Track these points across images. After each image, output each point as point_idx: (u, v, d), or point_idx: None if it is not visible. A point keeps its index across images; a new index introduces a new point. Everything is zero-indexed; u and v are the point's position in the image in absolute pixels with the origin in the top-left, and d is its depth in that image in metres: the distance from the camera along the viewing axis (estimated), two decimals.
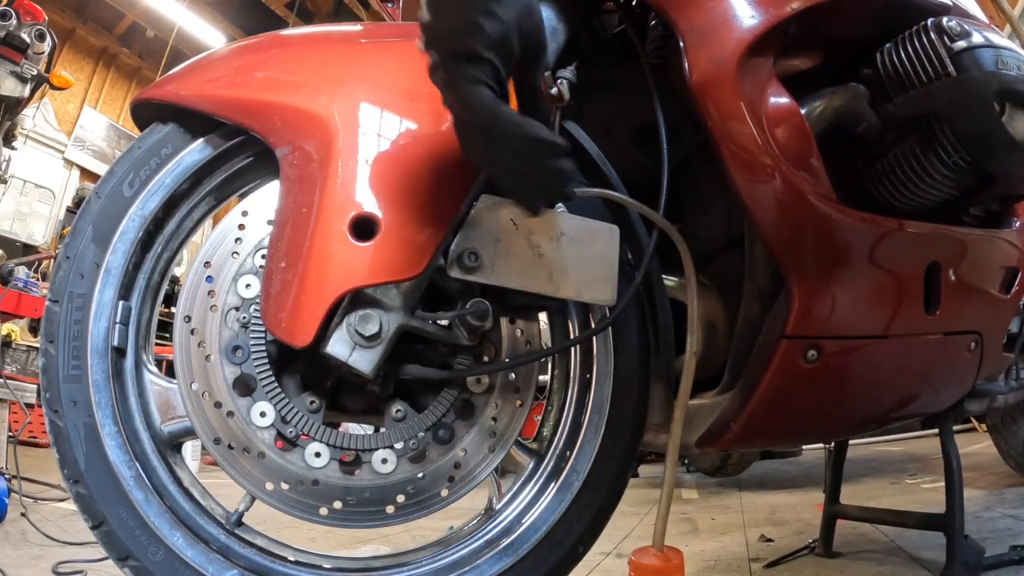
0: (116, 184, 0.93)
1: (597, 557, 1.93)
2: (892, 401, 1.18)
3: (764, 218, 0.94)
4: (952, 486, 1.38)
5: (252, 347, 0.90)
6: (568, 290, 0.91)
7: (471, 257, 0.86)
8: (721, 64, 0.93)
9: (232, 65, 0.96)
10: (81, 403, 0.87)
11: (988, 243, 1.14)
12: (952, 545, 1.35)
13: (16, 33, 3.42)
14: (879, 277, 1.03)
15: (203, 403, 0.88)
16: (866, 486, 3.02)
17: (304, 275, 0.82)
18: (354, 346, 0.84)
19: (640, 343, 1.06)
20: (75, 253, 0.91)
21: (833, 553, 1.76)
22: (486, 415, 0.96)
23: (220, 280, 0.92)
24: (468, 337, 0.91)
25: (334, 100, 0.88)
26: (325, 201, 0.83)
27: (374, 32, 1.00)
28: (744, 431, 1.02)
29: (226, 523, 0.92)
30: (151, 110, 0.97)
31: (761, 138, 0.93)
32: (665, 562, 0.96)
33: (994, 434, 2.47)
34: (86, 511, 0.85)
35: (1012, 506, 2.11)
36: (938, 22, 1.03)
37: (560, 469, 1.02)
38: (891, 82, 1.05)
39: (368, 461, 0.91)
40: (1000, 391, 1.42)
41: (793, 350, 0.98)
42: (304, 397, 0.91)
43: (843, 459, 1.84)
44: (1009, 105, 0.99)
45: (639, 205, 0.96)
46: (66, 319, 0.89)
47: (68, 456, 0.86)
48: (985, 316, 1.19)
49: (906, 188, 1.05)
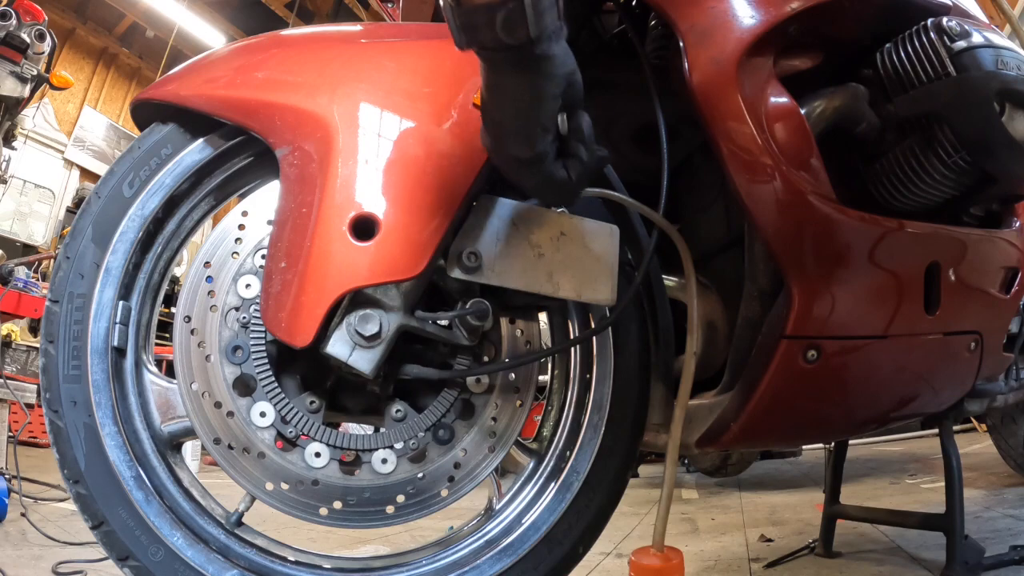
0: (116, 184, 0.93)
1: (597, 557, 1.93)
2: (892, 401, 1.18)
3: (764, 218, 0.94)
4: (952, 486, 1.38)
5: (252, 347, 0.90)
6: (568, 290, 0.91)
7: (471, 257, 0.87)
8: (721, 64, 0.93)
9: (232, 65, 0.95)
10: (81, 403, 0.87)
11: (988, 243, 1.14)
12: (952, 545, 1.35)
13: (16, 33, 3.42)
14: (879, 277, 1.03)
15: (203, 403, 0.88)
16: (866, 486, 3.02)
17: (304, 275, 0.82)
18: (354, 346, 0.84)
19: (640, 343, 1.06)
20: (75, 253, 0.91)
21: (833, 553, 1.76)
22: (486, 415, 0.96)
23: (220, 280, 0.92)
24: (468, 337, 0.91)
25: (334, 100, 0.88)
26: (325, 201, 0.83)
27: (374, 32, 1.00)
28: (744, 431, 1.02)
29: (226, 523, 0.92)
30: (151, 110, 0.97)
31: (761, 138, 0.93)
32: (665, 562, 0.96)
33: (994, 434, 2.47)
34: (86, 511, 0.85)
35: (1012, 506, 2.11)
36: (938, 22, 1.03)
37: (560, 469, 1.02)
38: (891, 82, 1.05)
39: (368, 461, 0.91)
40: (1000, 391, 1.42)
41: (793, 350, 0.98)
42: (304, 397, 0.91)
43: (843, 459, 1.84)
44: (1009, 105, 0.99)
45: (639, 205, 0.96)
46: (66, 319, 0.89)
47: (68, 456, 0.86)
48: (985, 316, 1.19)
49: (906, 188, 1.05)
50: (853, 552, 1.78)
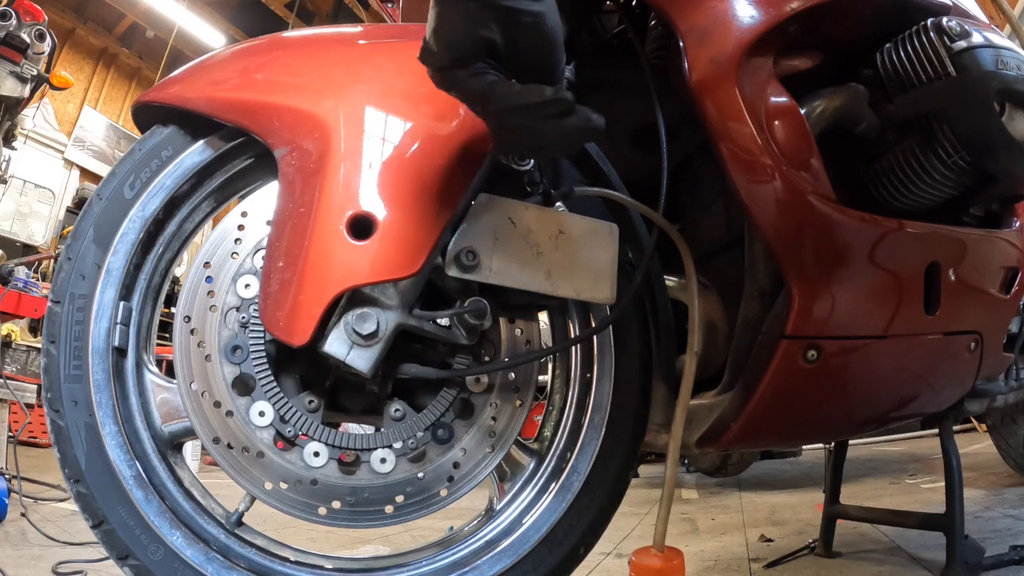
0: (117, 186, 0.94)
1: (597, 557, 1.93)
2: (892, 401, 1.18)
3: (764, 218, 0.94)
4: (952, 486, 1.37)
5: (251, 347, 0.90)
6: (567, 289, 0.91)
7: (469, 256, 0.86)
8: (721, 64, 0.93)
9: (233, 67, 0.96)
10: (82, 403, 0.87)
11: (988, 243, 1.14)
12: (952, 545, 1.35)
13: (16, 33, 3.42)
14: (879, 277, 1.03)
15: (202, 403, 0.88)
16: (866, 486, 3.02)
17: (302, 274, 0.82)
18: (352, 345, 0.84)
19: (641, 343, 1.06)
20: (76, 254, 0.91)
21: (833, 553, 1.76)
22: (485, 415, 0.96)
23: (220, 280, 0.92)
24: (467, 336, 0.91)
25: (333, 101, 0.88)
26: (323, 201, 0.83)
27: (373, 33, 1.00)
28: (744, 431, 1.02)
29: (226, 523, 0.92)
30: (152, 112, 0.97)
31: (761, 138, 0.93)
32: (665, 562, 0.96)
33: (994, 434, 2.47)
34: (86, 510, 0.85)
35: (1012, 506, 2.11)
36: (938, 22, 1.03)
37: (561, 469, 1.02)
38: (891, 82, 1.05)
39: (367, 461, 0.91)
40: (1000, 391, 1.42)
41: (793, 350, 0.98)
42: (303, 397, 0.91)
43: (843, 459, 1.83)
44: (1009, 105, 0.99)
45: (639, 205, 0.96)
46: (67, 319, 0.89)
47: (69, 455, 0.86)
48: (985, 316, 1.19)
49: (906, 188, 1.05)
50: (853, 552, 1.78)
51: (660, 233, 0.98)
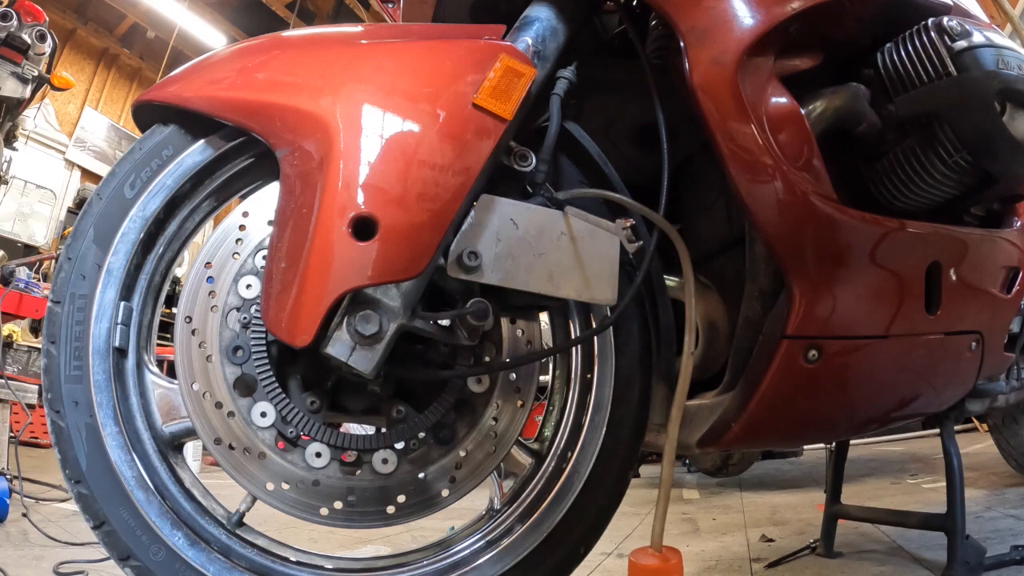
0: (117, 185, 0.94)
1: (598, 557, 1.93)
2: (893, 401, 1.18)
3: (764, 218, 0.94)
4: (953, 486, 1.37)
5: (253, 347, 0.90)
6: (568, 290, 0.91)
7: (471, 257, 0.86)
8: (721, 64, 0.93)
9: (233, 67, 0.96)
10: (83, 403, 0.87)
11: (989, 243, 1.14)
12: (953, 545, 1.34)
13: (17, 34, 3.42)
14: (880, 277, 1.03)
15: (204, 403, 0.88)
16: (867, 486, 3.01)
17: (304, 275, 0.82)
18: (354, 346, 0.84)
19: (641, 343, 1.06)
20: (77, 254, 0.91)
21: (834, 553, 1.76)
22: (487, 415, 0.96)
23: (221, 281, 0.92)
24: (468, 337, 0.91)
25: (334, 101, 0.88)
26: (325, 201, 0.83)
27: (374, 33, 1.00)
28: (745, 431, 1.02)
29: (227, 523, 0.92)
30: (152, 112, 0.97)
31: (761, 138, 0.93)
32: (663, 562, 0.96)
33: (995, 434, 2.47)
34: (87, 511, 0.85)
35: (1013, 506, 2.11)
36: (939, 22, 1.03)
37: (561, 469, 1.02)
38: (892, 82, 1.05)
39: (369, 461, 0.91)
40: (1001, 391, 1.42)
41: (794, 350, 0.98)
42: (305, 397, 0.91)
43: (844, 459, 1.83)
44: (1010, 105, 0.99)
45: (639, 206, 0.96)
46: (68, 320, 0.89)
47: (70, 456, 0.86)
48: (986, 316, 1.19)
49: (907, 188, 1.04)
50: (854, 552, 1.78)
51: (661, 233, 0.98)
